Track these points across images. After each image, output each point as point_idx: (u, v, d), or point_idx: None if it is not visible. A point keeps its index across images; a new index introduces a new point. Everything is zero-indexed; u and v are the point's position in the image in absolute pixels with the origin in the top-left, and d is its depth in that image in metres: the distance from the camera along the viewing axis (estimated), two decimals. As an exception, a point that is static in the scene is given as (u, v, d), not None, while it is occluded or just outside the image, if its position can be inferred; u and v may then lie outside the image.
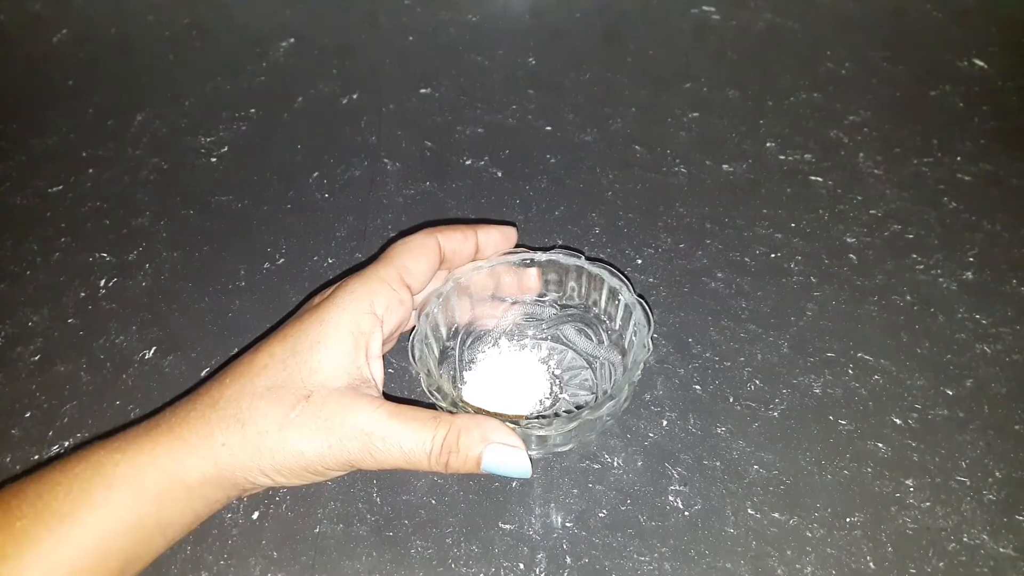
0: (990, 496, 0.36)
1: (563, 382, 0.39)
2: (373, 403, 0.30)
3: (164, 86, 0.52)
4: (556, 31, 0.55)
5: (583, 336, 0.40)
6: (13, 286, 0.44)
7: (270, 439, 0.29)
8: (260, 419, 0.29)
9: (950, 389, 0.40)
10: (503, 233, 0.38)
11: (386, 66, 0.53)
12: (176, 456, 0.29)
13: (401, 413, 0.30)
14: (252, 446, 0.29)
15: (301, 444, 0.29)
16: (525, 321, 0.40)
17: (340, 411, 0.29)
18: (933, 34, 0.56)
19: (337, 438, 0.29)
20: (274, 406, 0.29)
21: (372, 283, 0.33)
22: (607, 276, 0.37)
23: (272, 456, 0.29)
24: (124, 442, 0.29)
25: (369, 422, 0.29)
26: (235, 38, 0.54)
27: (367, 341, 0.32)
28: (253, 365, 0.31)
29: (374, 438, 0.29)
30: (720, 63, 0.54)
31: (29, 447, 0.38)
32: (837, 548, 0.34)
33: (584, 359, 0.39)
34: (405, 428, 0.29)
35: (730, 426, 0.38)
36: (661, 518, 0.35)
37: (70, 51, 0.54)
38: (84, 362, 0.41)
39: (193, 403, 0.30)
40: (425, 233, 0.35)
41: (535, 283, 0.39)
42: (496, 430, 0.30)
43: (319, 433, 0.29)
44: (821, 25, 0.56)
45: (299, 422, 0.29)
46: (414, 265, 0.34)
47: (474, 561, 0.34)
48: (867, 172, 0.49)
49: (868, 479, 0.36)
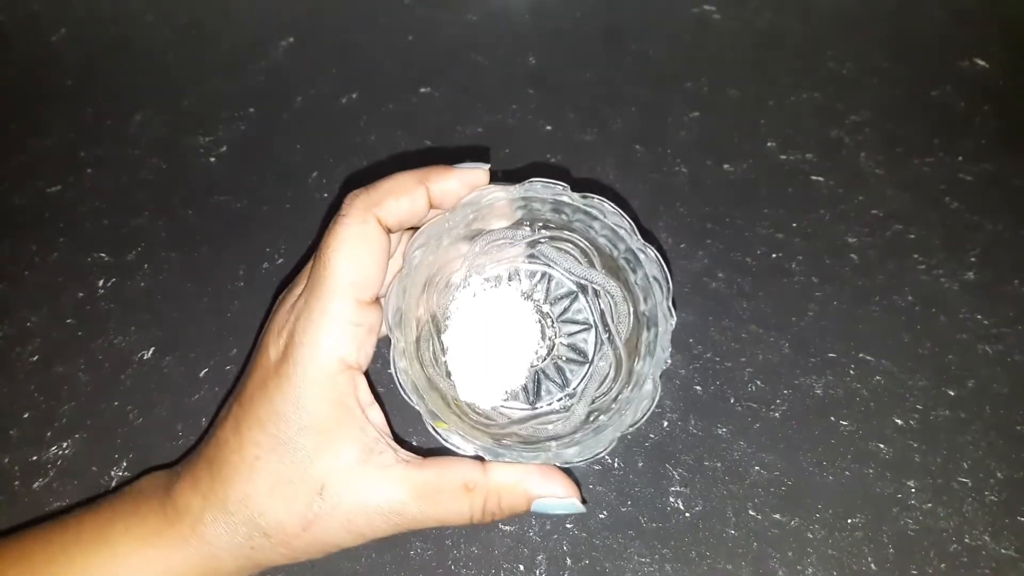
0: (992, 497, 0.36)
1: (555, 319, 0.34)
2: (391, 478, 0.27)
3: (163, 86, 0.52)
4: (556, 31, 0.55)
5: (566, 256, 0.33)
6: (11, 286, 0.44)
7: (299, 541, 0.28)
8: (284, 524, 0.27)
9: (952, 390, 0.39)
10: (464, 181, 0.29)
11: (386, 66, 0.53)
12: (211, 562, 0.28)
13: (427, 491, 0.27)
14: (283, 547, 0.28)
15: (332, 539, 0.28)
16: (495, 249, 0.34)
17: (359, 502, 0.27)
18: (935, 34, 0.56)
19: (366, 526, 0.27)
20: (289, 508, 0.27)
21: (325, 327, 0.27)
22: (605, 211, 0.29)
23: (307, 552, 0.28)
24: (145, 531, 0.28)
25: (394, 506, 0.27)
26: (235, 38, 0.54)
27: (353, 398, 0.28)
28: (244, 458, 0.28)
29: (405, 519, 0.27)
30: (721, 62, 0.54)
31: (28, 448, 0.38)
32: (838, 549, 0.34)
33: (573, 283, 0.34)
34: (436, 508, 0.27)
35: (731, 427, 0.38)
36: (662, 519, 0.35)
37: (69, 51, 0.54)
38: (83, 362, 0.41)
39: (204, 500, 0.28)
40: (356, 215, 0.28)
41: (505, 212, 0.32)
42: (538, 483, 0.28)
43: (347, 526, 0.28)
44: (822, 24, 0.56)
45: (323, 521, 0.27)
46: (363, 274, 0.28)
47: (474, 563, 0.34)
48: (868, 172, 0.49)
49: (869, 480, 0.36)
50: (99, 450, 0.38)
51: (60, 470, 0.37)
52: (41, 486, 0.37)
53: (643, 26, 0.56)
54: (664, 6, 0.56)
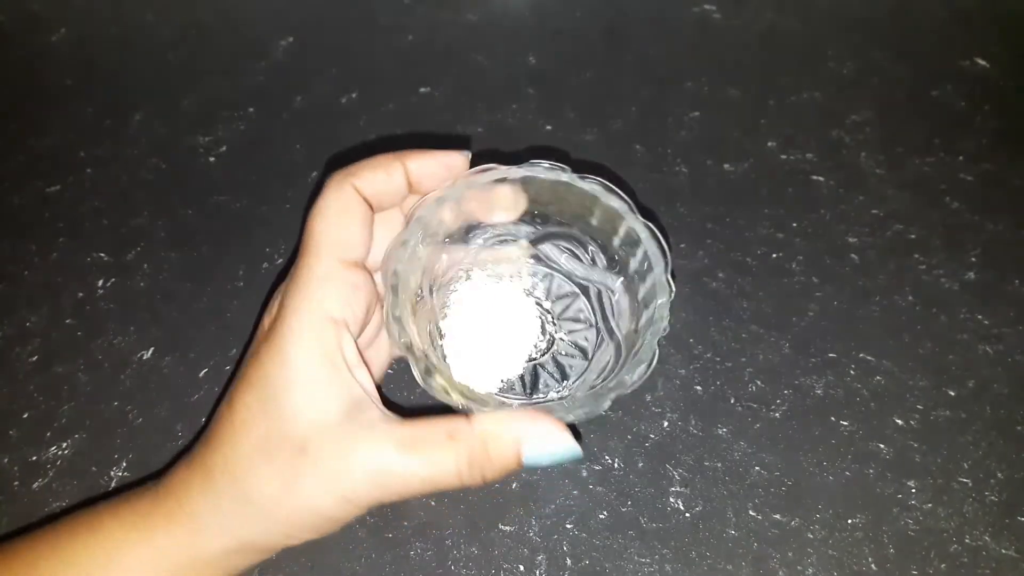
0: (992, 497, 0.36)
1: (555, 316, 0.34)
2: (375, 435, 0.27)
3: (163, 85, 0.52)
4: (556, 31, 0.55)
5: (569, 256, 0.33)
6: (11, 286, 0.44)
7: (282, 508, 0.27)
8: (264, 486, 0.26)
9: (952, 390, 0.39)
10: (441, 162, 0.30)
11: (386, 66, 0.53)
12: (195, 539, 0.27)
13: (412, 441, 0.26)
14: (265, 516, 0.27)
15: (315, 502, 0.26)
16: (498, 245, 0.34)
17: (342, 458, 0.26)
18: (935, 33, 0.56)
19: (350, 487, 0.26)
20: (271, 467, 0.26)
21: (311, 285, 0.28)
22: (601, 194, 0.30)
23: (289, 521, 0.27)
24: (135, 516, 0.28)
25: (377, 462, 0.26)
26: (234, 38, 0.54)
27: (339, 354, 0.28)
28: (232, 422, 0.28)
29: (391, 477, 0.26)
30: (721, 62, 0.54)
31: (27, 448, 0.38)
32: (839, 549, 0.34)
33: (574, 284, 0.34)
34: (421, 459, 0.26)
35: (731, 427, 0.38)
36: (662, 519, 0.35)
37: (69, 51, 0.54)
38: (82, 363, 0.41)
39: (191, 470, 0.28)
40: (334, 186, 0.29)
41: (511, 202, 0.31)
42: (527, 425, 0.26)
43: (329, 487, 0.26)
44: (823, 24, 0.56)
45: (305, 481, 0.26)
46: (344, 234, 0.28)
47: (474, 563, 0.34)
48: (869, 172, 0.49)
49: (870, 480, 0.36)
50: (99, 450, 0.38)
51: (60, 470, 0.37)
52: (41, 486, 0.37)
53: (643, 26, 0.56)
54: (664, 6, 0.56)
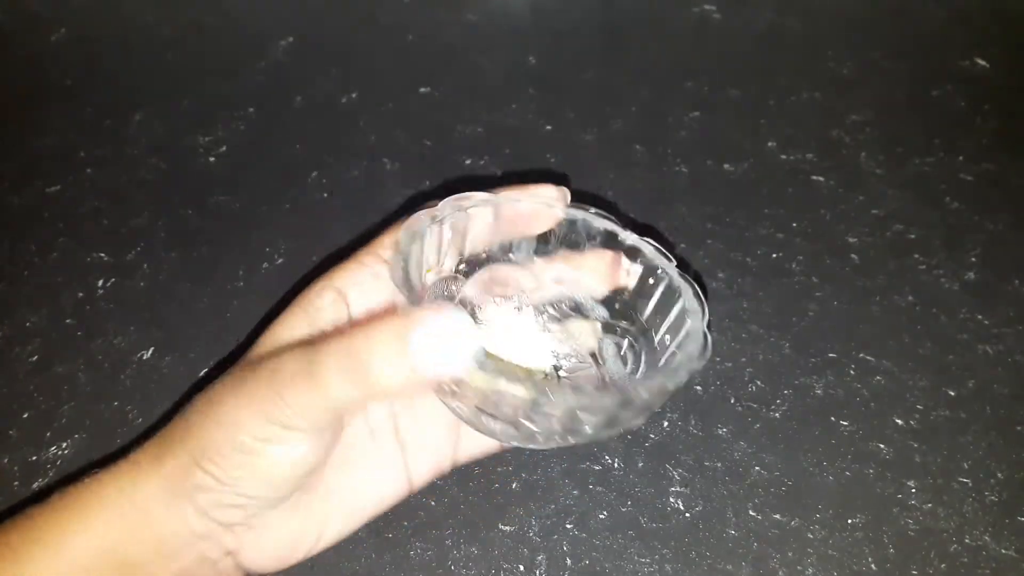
0: (992, 497, 0.36)
1: (560, 369, 0.33)
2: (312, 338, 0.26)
3: (162, 85, 0.52)
4: (556, 31, 0.55)
5: (619, 359, 0.33)
6: (11, 287, 0.44)
7: (230, 461, 0.25)
8: (213, 436, 0.25)
9: (952, 390, 0.39)
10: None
11: (386, 66, 0.53)
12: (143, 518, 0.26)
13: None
14: (218, 473, 0.25)
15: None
16: (567, 309, 0.33)
17: (274, 355, 0.25)
18: (935, 33, 0.56)
19: (275, 376, 0.24)
20: (218, 418, 0.26)
21: (337, 267, 0.29)
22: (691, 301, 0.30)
23: (242, 478, 0.25)
24: (97, 496, 0.28)
25: (302, 350, 0.25)
26: (234, 37, 0.54)
27: (318, 305, 0.28)
28: (206, 391, 0.27)
29: (313, 381, 0.24)
30: (721, 62, 0.54)
31: (27, 448, 0.38)
32: (838, 550, 0.34)
33: (593, 361, 0.34)
34: (321, 346, 0.24)
35: (731, 427, 0.38)
36: (662, 520, 0.35)
37: (69, 50, 0.54)
38: (82, 363, 0.41)
39: (156, 443, 0.28)
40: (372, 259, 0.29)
41: (626, 279, 0.31)
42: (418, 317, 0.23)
43: (259, 387, 0.25)
44: (822, 24, 0.56)
45: (246, 385, 0.25)
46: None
47: (474, 563, 0.34)
48: (869, 172, 0.49)
49: (870, 480, 0.36)
50: (99, 450, 0.38)
51: (60, 470, 0.37)
52: (41, 486, 0.37)
53: (643, 26, 0.56)
54: (664, 6, 0.56)
